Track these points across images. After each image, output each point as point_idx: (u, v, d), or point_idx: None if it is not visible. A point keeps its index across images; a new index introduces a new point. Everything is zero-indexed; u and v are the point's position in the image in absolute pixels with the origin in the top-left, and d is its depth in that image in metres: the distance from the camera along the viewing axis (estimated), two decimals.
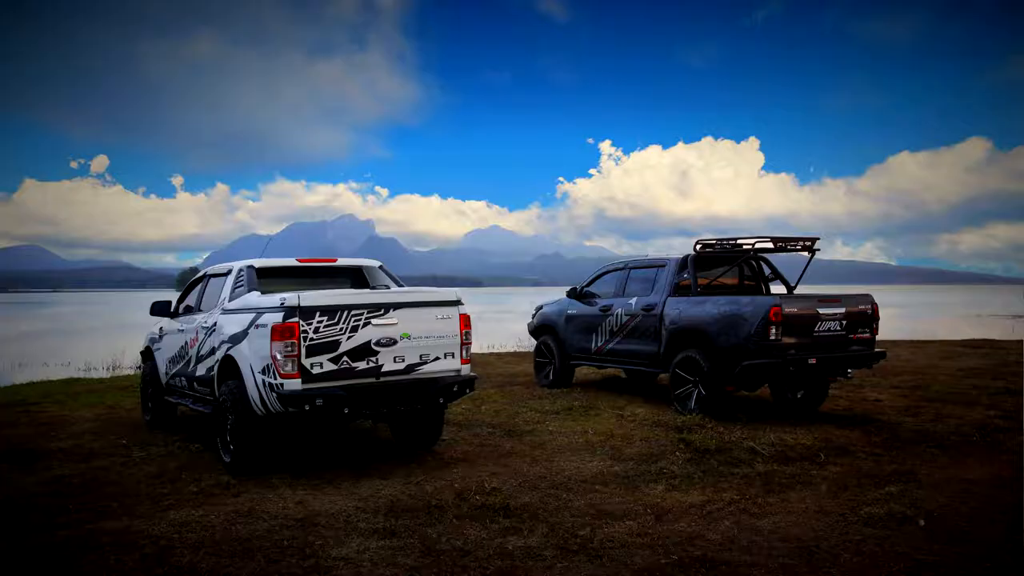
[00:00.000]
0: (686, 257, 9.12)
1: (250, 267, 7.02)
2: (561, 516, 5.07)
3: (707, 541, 4.58)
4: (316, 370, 5.86)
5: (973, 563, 4.22)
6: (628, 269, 9.92)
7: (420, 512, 5.15)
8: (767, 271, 9.72)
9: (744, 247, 8.87)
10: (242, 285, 6.87)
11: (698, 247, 9.11)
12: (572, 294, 10.57)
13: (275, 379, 5.79)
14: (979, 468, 6.21)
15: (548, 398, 9.78)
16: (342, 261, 7.80)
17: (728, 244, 8.94)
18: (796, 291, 9.37)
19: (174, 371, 7.90)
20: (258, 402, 5.98)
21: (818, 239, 8.68)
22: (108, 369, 16.60)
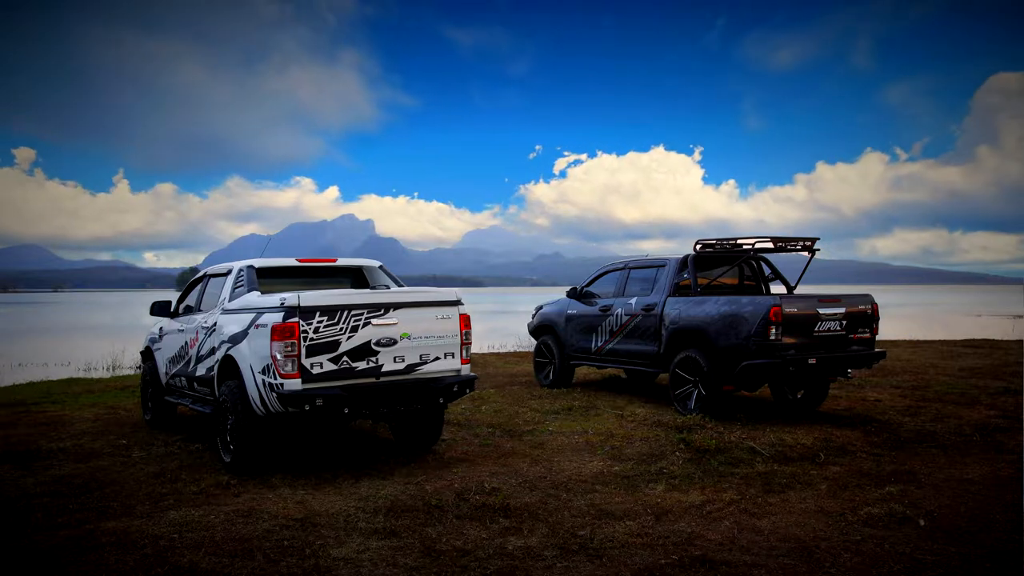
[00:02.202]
0: (686, 257, 9.13)
1: (250, 267, 7.02)
2: (561, 516, 5.07)
3: (707, 541, 4.58)
4: (316, 370, 5.86)
5: (973, 563, 4.22)
6: (628, 269, 9.92)
7: (420, 512, 5.15)
8: (767, 271, 9.73)
9: (744, 247, 8.87)
10: (242, 285, 6.87)
11: (698, 247, 9.11)
12: (572, 294, 10.57)
13: (275, 379, 5.79)
14: (979, 468, 6.21)
15: (548, 398, 9.78)
16: (342, 261, 7.80)
17: (728, 244, 8.94)
18: (796, 291, 9.37)
19: (174, 371, 7.90)
20: (258, 402, 5.98)
21: (818, 239, 8.68)
22: (108, 369, 16.62)
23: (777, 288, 9.72)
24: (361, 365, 6.05)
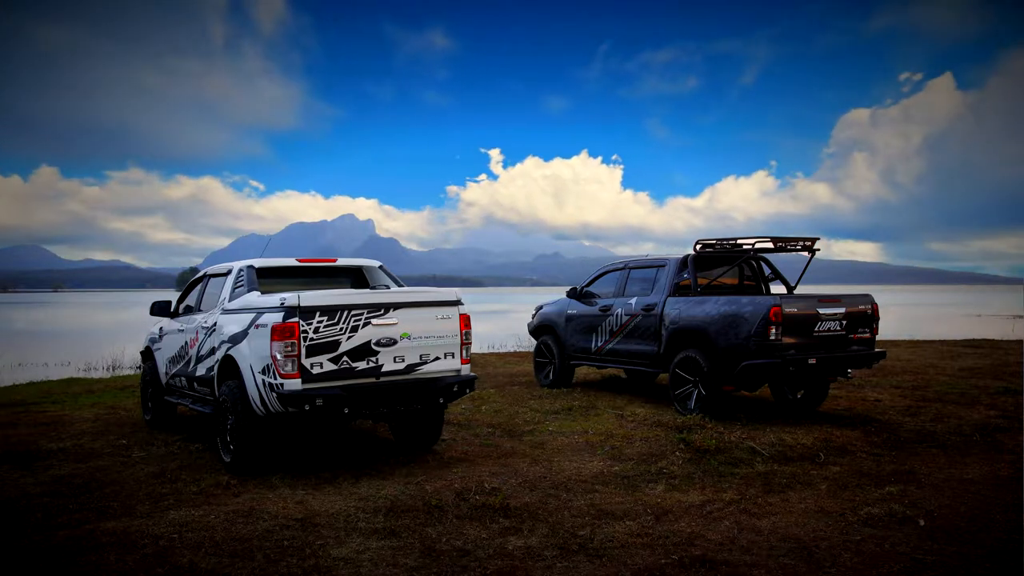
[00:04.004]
0: (686, 257, 9.13)
1: (250, 267, 7.02)
2: (561, 516, 5.07)
3: (707, 541, 4.58)
4: (316, 370, 5.86)
5: (973, 563, 4.22)
6: (628, 269, 9.92)
7: (420, 512, 5.15)
8: (767, 271, 9.73)
9: (744, 247, 8.87)
10: (242, 285, 6.87)
11: (698, 247, 9.11)
12: (572, 294, 10.57)
13: (275, 379, 5.79)
14: (979, 468, 6.21)
15: (548, 398, 9.78)
16: (342, 261, 7.80)
17: (728, 244, 8.94)
18: (796, 291, 9.37)
19: (174, 371, 7.90)
20: (258, 402, 5.98)
21: (818, 239, 8.68)
22: (108, 369, 16.62)
23: (777, 288, 9.72)
24: (361, 365, 6.05)
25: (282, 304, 5.87)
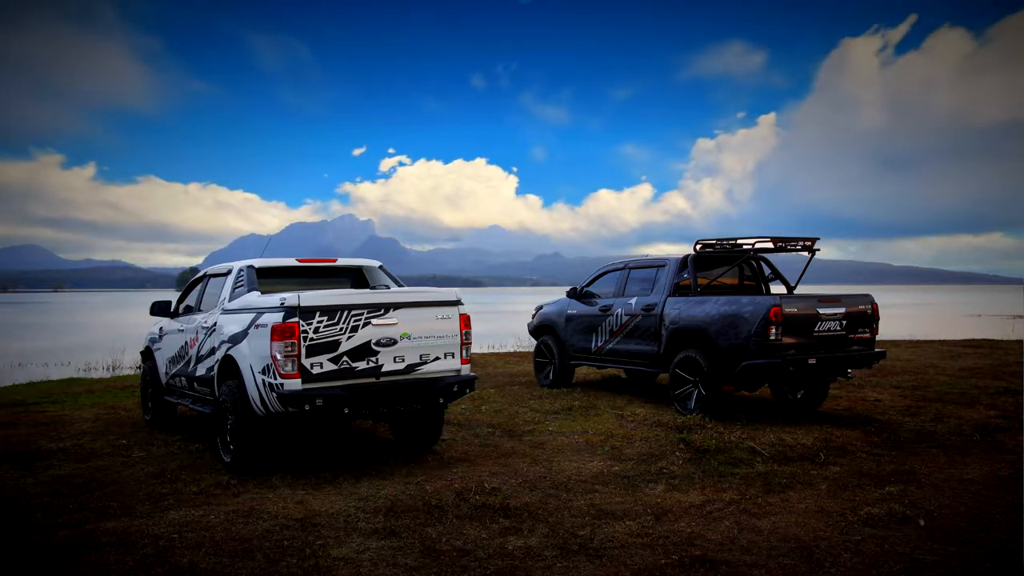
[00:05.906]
0: (686, 257, 9.13)
1: (250, 267, 7.03)
2: (561, 516, 5.07)
3: (707, 541, 4.58)
4: (316, 370, 5.87)
5: (973, 563, 4.22)
6: (628, 269, 9.93)
7: (420, 512, 5.15)
8: (767, 271, 9.73)
9: (744, 247, 8.87)
10: (242, 285, 6.87)
11: (698, 247, 9.11)
12: (572, 294, 10.58)
13: (275, 379, 5.79)
14: (979, 468, 6.21)
15: (548, 398, 9.78)
16: (342, 261, 7.80)
17: (728, 244, 8.94)
18: (796, 291, 9.37)
19: (174, 371, 7.90)
20: (258, 402, 5.98)
21: (818, 239, 8.68)
22: (108, 369, 16.62)
23: (777, 288, 9.72)
24: (361, 365, 6.05)
25: (282, 304, 5.88)
